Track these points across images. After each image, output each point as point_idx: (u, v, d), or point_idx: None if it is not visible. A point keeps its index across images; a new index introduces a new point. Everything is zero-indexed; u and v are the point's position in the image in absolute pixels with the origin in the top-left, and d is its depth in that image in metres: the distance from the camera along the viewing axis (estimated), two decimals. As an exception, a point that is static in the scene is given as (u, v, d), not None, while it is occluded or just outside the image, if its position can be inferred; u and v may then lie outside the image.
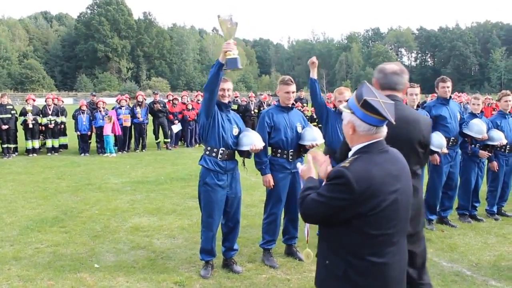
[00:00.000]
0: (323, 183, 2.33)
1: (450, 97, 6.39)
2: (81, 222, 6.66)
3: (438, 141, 5.84)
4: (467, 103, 16.21)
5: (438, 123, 6.16)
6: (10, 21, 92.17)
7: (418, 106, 6.27)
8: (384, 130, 2.34)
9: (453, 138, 6.26)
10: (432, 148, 6.01)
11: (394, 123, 2.26)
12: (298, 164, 2.86)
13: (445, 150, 5.92)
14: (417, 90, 6.20)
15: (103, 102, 14.69)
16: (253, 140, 4.62)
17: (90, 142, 14.60)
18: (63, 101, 15.64)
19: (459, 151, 6.60)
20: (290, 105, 5.06)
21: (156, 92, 16.72)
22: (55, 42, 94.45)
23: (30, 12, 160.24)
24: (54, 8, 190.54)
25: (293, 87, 4.99)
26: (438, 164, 6.24)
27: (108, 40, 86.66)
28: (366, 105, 2.24)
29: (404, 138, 2.99)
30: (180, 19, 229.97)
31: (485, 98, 19.15)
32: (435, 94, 7.68)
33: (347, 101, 3.57)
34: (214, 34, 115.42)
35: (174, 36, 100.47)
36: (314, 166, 2.57)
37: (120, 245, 5.68)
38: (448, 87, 6.28)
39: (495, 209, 7.03)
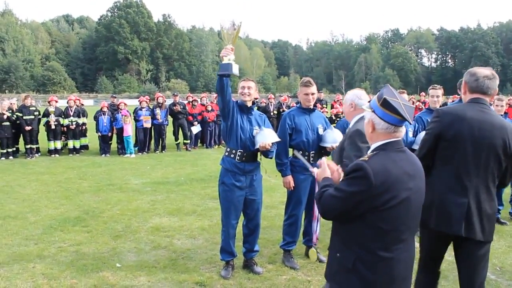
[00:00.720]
0: (341, 179, 2.44)
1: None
2: (102, 222, 6.74)
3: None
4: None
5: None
6: (33, 24, 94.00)
7: (440, 107, 6.19)
8: (402, 130, 2.43)
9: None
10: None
11: (411, 123, 2.40)
12: (314, 169, 2.87)
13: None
14: (440, 91, 6.14)
15: (124, 104, 14.86)
16: (265, 137, 4.58)
17: (111, 143, 14.78)
18: (83, 104, 15.80)
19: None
20: (311, 107, 5.04)
21: (176, 93, 16.82)
22: (76, 44, 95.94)
23: (53, 15, 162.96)
24: (76, 11, 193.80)
25: (312, 89, 4.96)
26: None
27: (128, 42, 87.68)
28: (386, 104, 2.37)
29: (487, 142, 3.02)
30: (199, 21, 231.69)
31: (509, 99, 18.82)
32: (457, 96, 7.57)
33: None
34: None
35: (193, 38, 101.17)
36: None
37: (141, 245, 5.74)
38: None
39: (519, 212, 6.91)
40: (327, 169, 2.64)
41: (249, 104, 4.70)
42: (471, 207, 3.06)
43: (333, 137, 4.93)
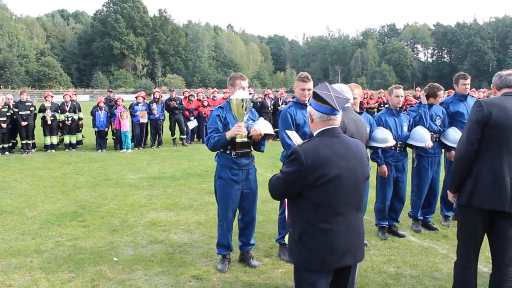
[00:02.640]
0: (286, 164, 2.84)
1: (468, 93, 6.36)
2: (99, 216, 6.77)
3: (455, 136, 5.82)
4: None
5: (456, 119, 6.14)
6: (28, 19, 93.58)
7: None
8: (337, 119, 2.84)
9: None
10: (448, 143, 6.00)
11: (339, 111, 2.79)
12: None
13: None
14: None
15: (122, 100, 14.85)
16: (260, 126, 4.61)
17: (107, 139, 14.78)
18: (74, 100, 15.61)
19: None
20: (306, 102, 5.05)
21: (172, 89, 16.81)
22: (71, 39, 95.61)
23: (48, 10, 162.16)
24: (71, 6, 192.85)
25: (309, 85, 4.94)
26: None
27: (124, 38, 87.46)
28: (316, 96, 2.81)
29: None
30: (195, 16, 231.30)
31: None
32: (452, 91, 7.62)
33: (355, 98, 4.55)
34: (229, 31, 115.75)
35: (189, 33, 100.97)
36: None
37: (138, 239, 5.77)
38: (468, 84, 6.26)
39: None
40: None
41: None
42: None
43: None
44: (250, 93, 5.00)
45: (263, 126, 4.62)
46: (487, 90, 28.36)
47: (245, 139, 4.53)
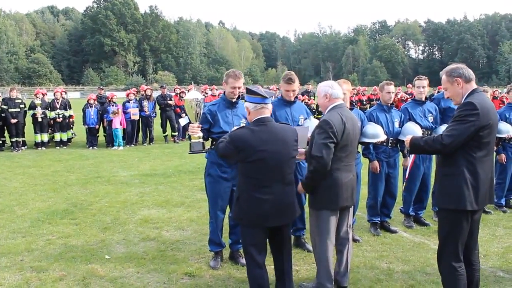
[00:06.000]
0: (226, 138, 3.63)
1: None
2: (91, 214, 6.73)
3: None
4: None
5: (447, 115, 6.15)
6: (17, 16, 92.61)
7: (426, 98, 6.25)
8: (268, 107, 3.59)
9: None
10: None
11: (267, 97, 3.53)
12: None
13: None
14: (425, 82, 6.18)
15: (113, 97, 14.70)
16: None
17: (98, 136, 14.69)
18: (64, 98, 15.43)
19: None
20: (291, 99, 5.02)
21: (164, 86, 16.72)
22: (62, 36, 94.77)
23: (37, 7, 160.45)
24: (61, 3, 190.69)
25: (293, 86, 4.88)
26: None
27: (115, 34, 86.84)
28: (248, 91, 3.59)
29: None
30: (186, 12, 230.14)
31: (493, 91, 19.10)
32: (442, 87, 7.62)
33: (344, 94, 4.60)
34: (220, 27, 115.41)
35: (181, 29, 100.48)
36: None
37: (130, 236, 5.74)
38: None
39: (503, 201, 7.03)
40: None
41: (234, 99, 4.72)
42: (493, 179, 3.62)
43: (313, 127, 4.94)
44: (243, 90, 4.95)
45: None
46: (478, 86, 28.40)
47: (200, 140, 4.48)
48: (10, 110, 13.15)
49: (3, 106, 13.16)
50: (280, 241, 3.73)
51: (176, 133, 15.60)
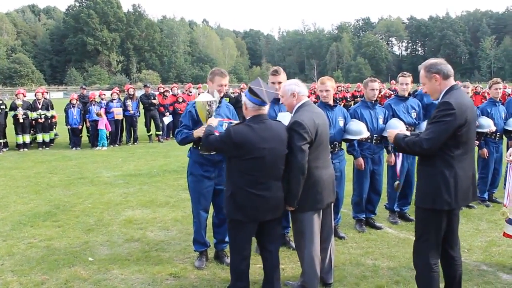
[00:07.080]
0: (223, 133, 3.80)
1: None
2: (74, 216, 6.63)
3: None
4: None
5: (430, 111, 6.17)
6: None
7: (409, 94, 6.28)
8: (265, 108, 3.67)
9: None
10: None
11: (268, 103, 3.64)
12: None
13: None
14: (409, 79, 6.21)
15: (98, 96, 14.45)
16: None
17: (81, 136, 14.51)
18: (46, 98, 15.17)
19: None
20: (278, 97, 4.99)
21: (147, 85, 16.57)
22: (43, 35, 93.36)
23: (17, 6, 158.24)
24: (42, 1, 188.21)
25: (278, 78, 4.85)
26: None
27: (98, 33, 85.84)
28: (251, 91, 3.60)
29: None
30: (170, 11, 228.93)
31: (475, 87, 19.42)
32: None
33: (327, 91, 5.15)
34: (204, 25, 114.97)
35: (164, 28, 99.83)
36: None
37: (114, 238, 5.67)
38: None
39: (486, 195, 7.11)
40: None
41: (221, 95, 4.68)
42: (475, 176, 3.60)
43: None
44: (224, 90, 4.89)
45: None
46: (460, 82, 28.81)
47: None
48: (-10, 111, 12.91)
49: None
50: (269, 237, 3.85)
51: (161, 132, 15.49)
